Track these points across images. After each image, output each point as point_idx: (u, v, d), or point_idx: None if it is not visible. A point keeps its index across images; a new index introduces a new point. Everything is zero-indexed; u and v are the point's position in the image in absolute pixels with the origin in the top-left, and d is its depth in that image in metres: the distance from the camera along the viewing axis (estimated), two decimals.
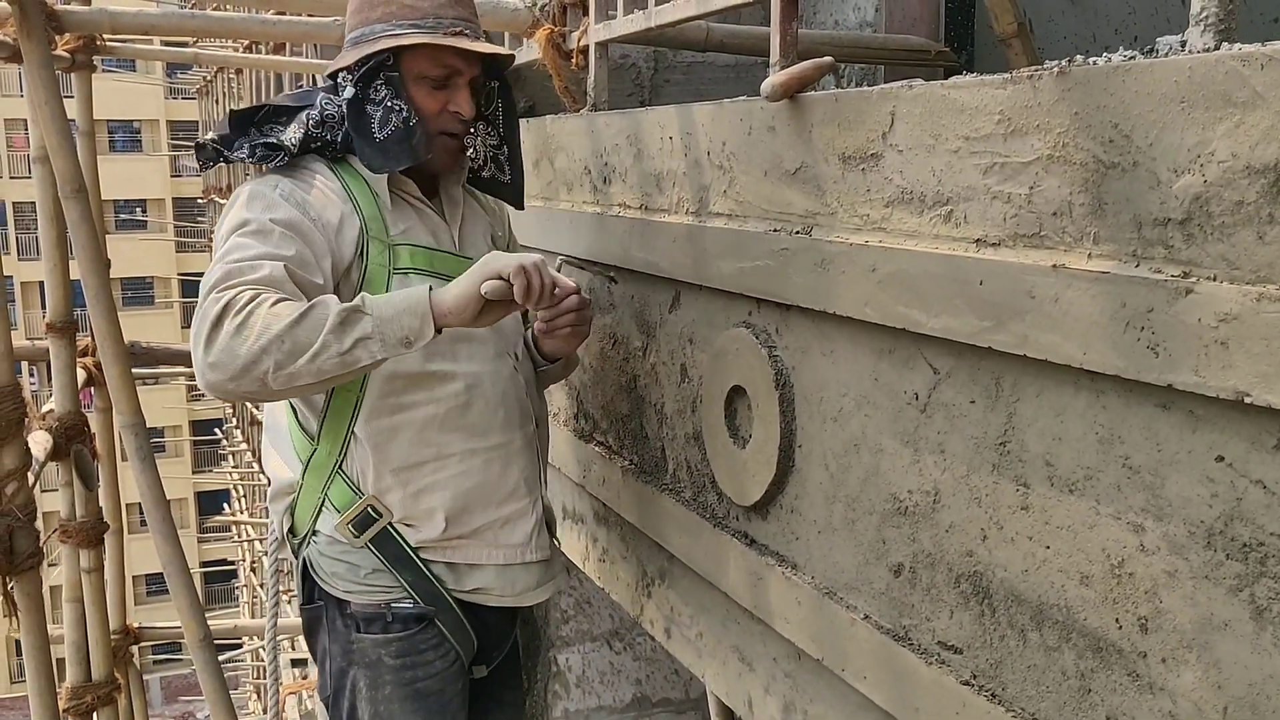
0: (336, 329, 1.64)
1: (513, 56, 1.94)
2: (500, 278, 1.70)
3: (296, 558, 2.05)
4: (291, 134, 1.90)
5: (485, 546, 2.01)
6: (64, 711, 3.45)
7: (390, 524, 1.95)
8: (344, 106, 1.88)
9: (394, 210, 1.94)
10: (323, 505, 1.97)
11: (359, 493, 1.94)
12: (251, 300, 1.65)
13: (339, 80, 1.91)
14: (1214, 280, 0.98)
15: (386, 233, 1.91)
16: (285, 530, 2.05)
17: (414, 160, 1.89)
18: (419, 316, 1.68)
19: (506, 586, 2.04)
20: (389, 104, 1.87)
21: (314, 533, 1.99)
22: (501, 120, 2.06)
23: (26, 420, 2.81)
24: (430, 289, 1.71)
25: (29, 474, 2.81)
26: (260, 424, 12.77)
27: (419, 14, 1.86)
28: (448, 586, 1.98)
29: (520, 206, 2.15)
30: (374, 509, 1.93)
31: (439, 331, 1.70)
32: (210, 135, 1.93)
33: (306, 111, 1.92)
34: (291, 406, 1.99)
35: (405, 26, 1.85)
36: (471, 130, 2.02)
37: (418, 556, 1.96)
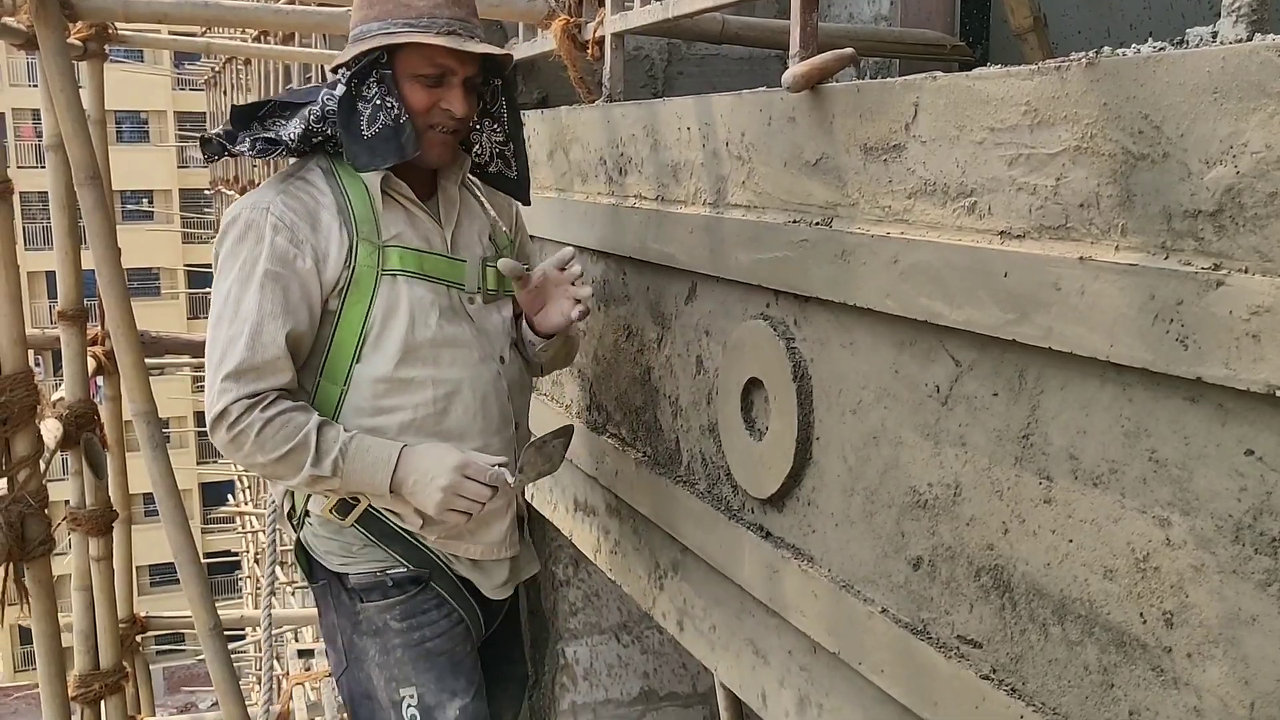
0: (308, 481, 1.89)
1: (510, 56, 1.96)
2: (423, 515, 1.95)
3: (296, 534, 2.14)
4: (292, 129, 1.93)
5: (463, 542, 2.07)
6: (72, 699, 3.45)
7: (371, 506, 2.01)
8: (335, 103, 1.90)
9: (387, 211, 1.96)
10: (309, 502, 2.06)
11: None
12: (243, 418, 1.85)
13: (336, 76, 1.93)
14: (1246, 273, 0.98)
15: (378, 234, 1.95)
16: (285, 511, 2.15)
17: (401, 158, 1.90)
18: (377, 495, 1.94)
19: (483, 579, 2.11)
20: (379, 101, 1.89)
21: (306, 514, 2.08)
22: (506, 116, 2.08)
23: (38, 408, 2.81)
24: (394, 473, 1.89)
25: (40, 461, 2.81)
26: None
27: (414, 13, 1.87)
28: (440, 558, 2.06)
29: (527, 202, 2.18)
30: (352, 496, 1.99)
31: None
32: (217, 130, 1.98)
33: (309, 107, 1.94)
34: None
35: (399, 25, 1.87)
36: (477, 126, 2.06)
37: (408, 534, 2.03)
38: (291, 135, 1.93)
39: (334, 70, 1.95)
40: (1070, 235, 1.16)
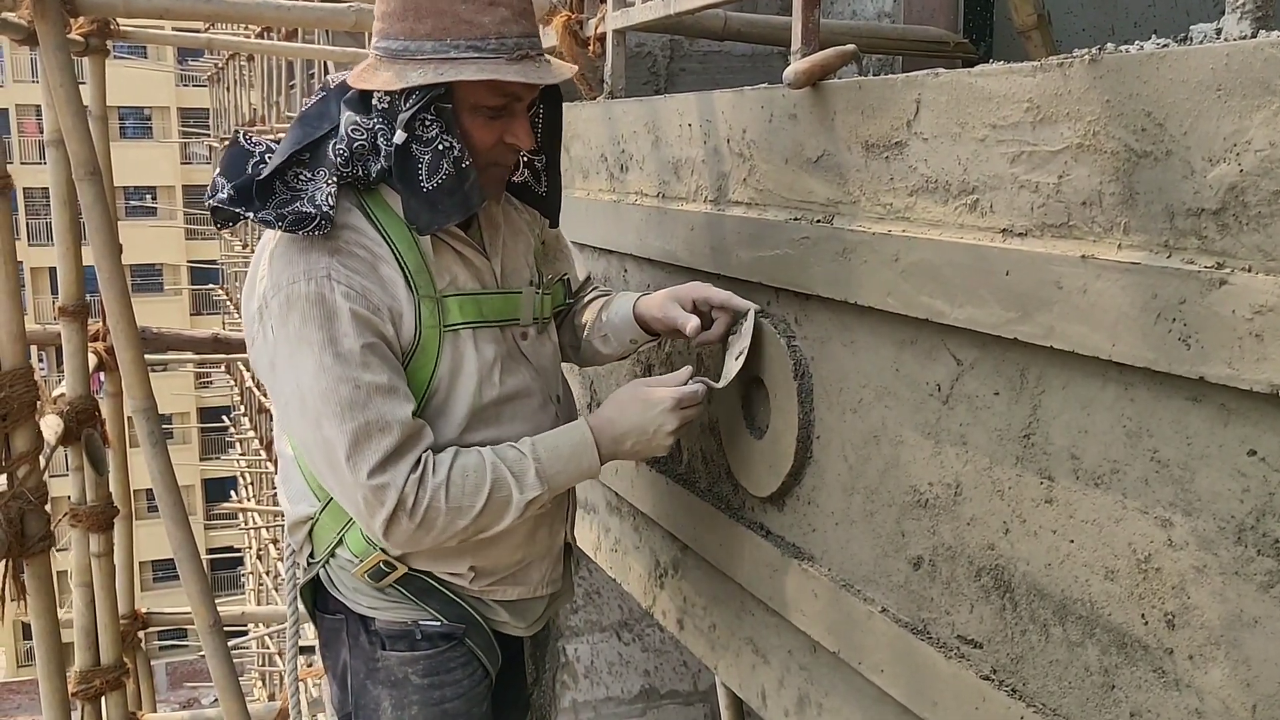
0: (522, 512, 1.70)
1: (575, 70, 1.76)
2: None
3: (310, 570, 1.93)
4: (324, 192, 1.63)
5: (505, 586, 1.91)
6: (73, 695, 3.45)
7: (411, 568, 1.83)
8: (386, 147, 1.64)
9: (436, 255, 1.72)
10: (339, 542, 1.85)
11: (374, 547, 1.80)
12: (421, 494, 1.63)
13: (374, 102, 1.63)
14: (1249, 271, 0.97)
15: (433, 286, 1.71)
16: (305, 555, 1.93)
17: (465, 214, 1.68)
18: (588, 480, 1.79)
19: (519, 620, 1.96)
20: (439, 145, 1.62)
21: (332, 555, 1.88)
22: (541, 125, 1.83)
23: (38, 404, 2.81)
24: (598, 450, 1.74)
25: (40, 457, 2.81)
26: (269, 412, 12.64)
27: (478, 33, 1.58)
28: (478, 611, 1.90)
29: (554, 223, 1.95)
30: (388, 564, 1.82)
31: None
32: (220, 195, 1.67)
33: (332, 145, 1.65)
34: (298, 450, 1.85)
35: (463, 50, 1.58)
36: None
37: (446, 588, 1.86)
38: (328, 204, 1.62)
39: (364, 95, 1.65)
40: (1072, 233, 1.16)
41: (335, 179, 1.63)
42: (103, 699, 3.64)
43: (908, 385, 1.44)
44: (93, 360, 3.67)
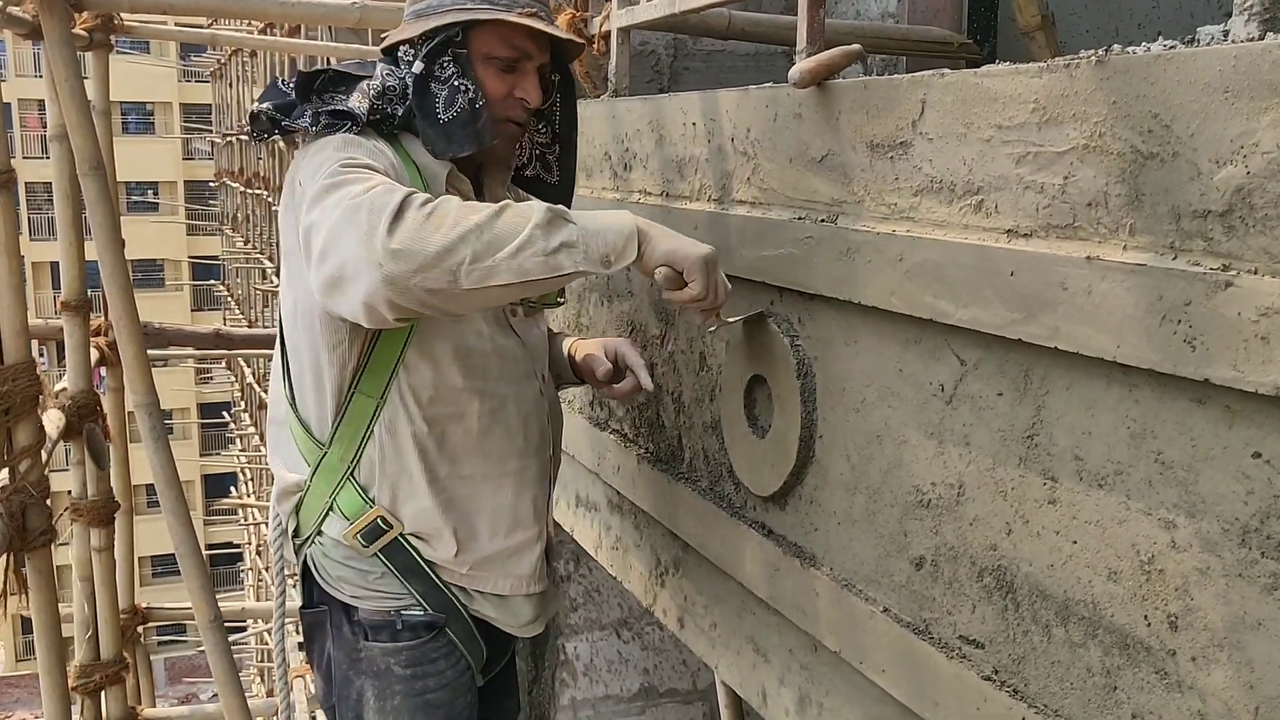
0: (543, 226, 1.50)
1: (584, 45, 1.86)
2: (675, 269, 1.59)
3: (297, 556, 1.96)
4: (357, 103, 1.76)
5: (494, 575, 1.94)
6: (72, 689, 3.45)
7: (401, 534, 1.87)
8: (409, 81, 1.78)
9: None
10: (330, 510, 1.88)
11: (370, 502, 1.85)
12: (433, 202, 1.51)
13: (400, 54, 1.81)
14: (1255, 274, 0.97)
15: None
16: (290, 531, 1.96)
17: (478, 145, 1.78)
18: (625, 237, 1.56)
19: (510, 617, 1.97)
20: (455, 83, 1.77)
21: (319, 534, 1.90)
22: (558, 117, 1.96)
23: (40, 398, 2.81)
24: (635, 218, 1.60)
25: (42, 452, 2.81)
26: (269, 408, 12.77)
27: None
28: (459, 600, 1.92)
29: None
30: (384, 520, 1.85)
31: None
32: (265, 105, 1.79)
33: (366, 81, 1.80)
34: (294, 407, 1.89)
35: (478, 3, 1.76)
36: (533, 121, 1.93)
37: (431, 570, 1.89)
38: (360, 109, 1.74)
39: (392, 48, 1.81)
40: (1078, 234, 1.16)
41: (368, 104, 1.76)
42: (102, 693, 3.65)
43: (911, 385, 1.44)
44: (94, 355, 3.67)
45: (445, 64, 1.77)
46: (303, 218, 1.62)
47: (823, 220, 1.58)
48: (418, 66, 1.76)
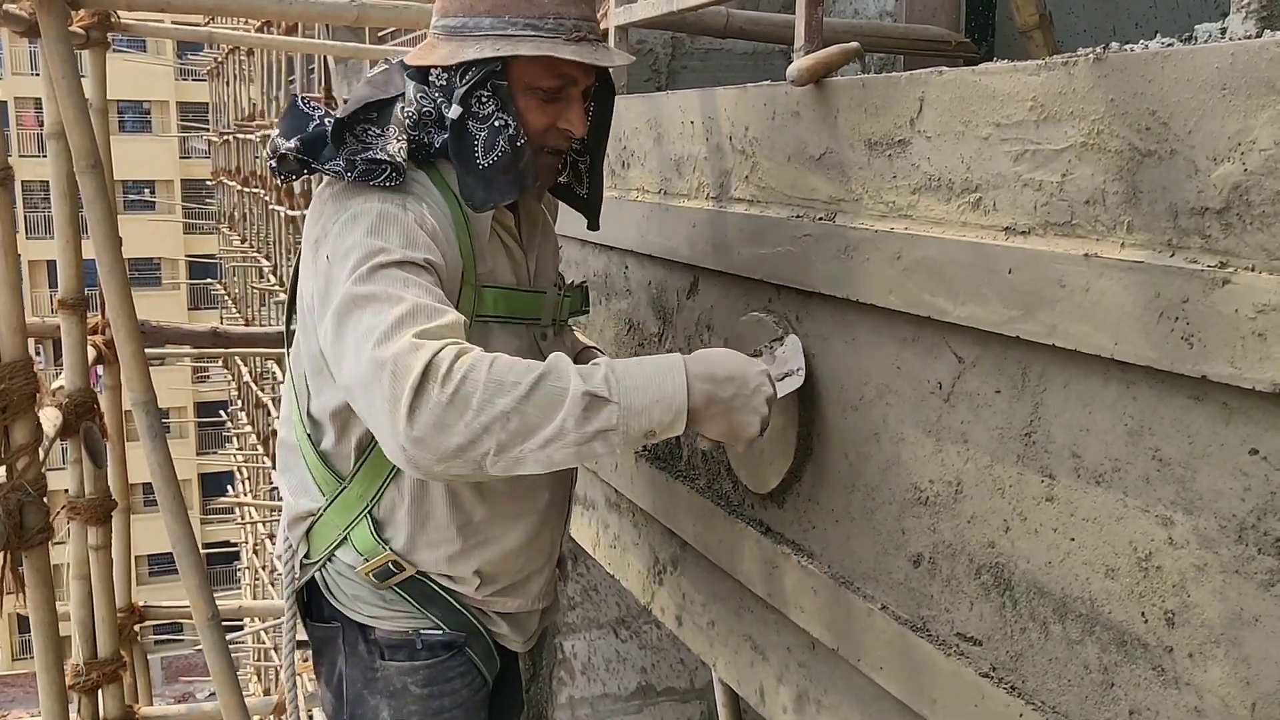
0: (578, 415, 1.36)
1: (632, 59, 1.72)
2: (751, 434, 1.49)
3: (303, 572, 1.89)
4: (395, 145, 1.60)
5: (507, 598, 1.89)
6: (70, 688, 3.45)
7: (418, 572, 1.80)
8: (446, 122, 1.62)
9: (486, 240, 1.70)
10: (344, 540, 1.81)
11: (383, 544, 1.77)
12: (460, 361, 1.36)
13: (432, 76, 1.63)
14: (1252, 271, 0.97)
15: (475, 271, 1.66)
16: (301, 555, 1.88)
17: (520, 193, 1.65)
18: (673, 413, 1.41)
19: (518, 633, 1.95)
20: (495, 121, 1.60)
21: (330, 559, 1.84)
22: (590, 126, 1.78)
23: (37, 396, 2.81)
24: (687, 374, 1.43)
25: (39, 450, 2.81)
26: (266, 407, 12.54)
27: (536, 11, 1.57)
28: (478, 620, 1.88)
29: (593, 226, 1.88)
30: (396, 564, 1.78)
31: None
32: (292, 143, 1.61)
33: (399, 106, 1.65)
34: (308, 434, 1.79)
35: (521, 28, 1.56)
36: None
37: (450, 596, 1.83)
38: (400, 154, 1.58)
39: (423, 71, 1.63)
40: (1076, 232, 1.16)
41: (405, 137, 1.61)
42: (99, 692, 3.64)
43: (909, 383, 1.45)
44: (92, 353, 3.66)
45: (484, 99, 1.60)
46: (325, 325, 1.51)
47: (821, 218, 1.58)
48: (454, 111, 1.60)
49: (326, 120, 1.64)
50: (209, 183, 21.96)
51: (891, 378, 1.48)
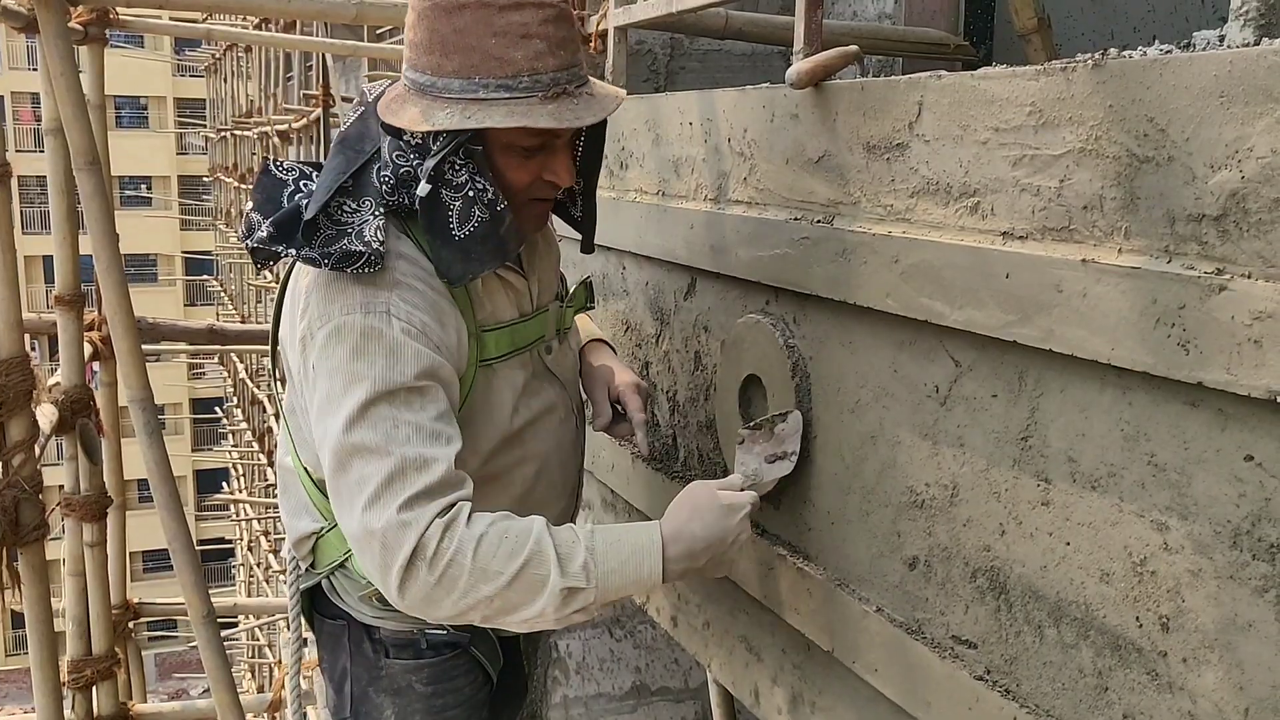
0: (559, 603, 1.46)
1: (623, 97, 1.62)
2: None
3: (309, 578, 1.88)
4: (372, 226, 1.52)
5: None
6: (64, 684, 3.45)
7: None
8: (416, 198, 1.53)
9: (481, 284, 1.66)
10: (349, 557, 1.76)
11: None
12: (446, 540, 1.43)
13: (406, 136, 1.53)
14: (1249, 278, 0.97)
15: (474, 318, 1.63)
16: (306, 566, 1.88)
17: (501, 261, 1.59)
18: (647, 589, 1.58)
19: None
20: (470, 191, 1.52)
21: (340, 566, 1.81)
22: (583, 149, 1.73)
23: (34, 392, 2.81)
24: (664, 558, 1.50)
25: (35, 446, 2.81)
26: (261, 404, 12.47)
27: (509, 70, 1.46)
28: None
29: (588, 249, 1.84)
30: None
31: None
32: (259, 234, 1.57)
33: (376, 169, 1.57)
34: (305, 467, 1.75)
35: (492, 90, 1.46)
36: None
37: None
38: (377, 241, 1.50)
39: (393, 130, 1.54)
40: (1073, 237, 1.16)
41: (382, 209, 1.54)
42: (94, 688, 3.64)
43: (906, 386, 1.45)
44: (88, 350, 3.66)
45: (457, 166, 1.51)
46: (323, 455, 1.53)
47: (819, 221, 1.59)
48: (423, 189, 1.51)
49: (302, 185, 1.61)
50: (206, 179, 21.95)
51: (888, 381, 1.48)
